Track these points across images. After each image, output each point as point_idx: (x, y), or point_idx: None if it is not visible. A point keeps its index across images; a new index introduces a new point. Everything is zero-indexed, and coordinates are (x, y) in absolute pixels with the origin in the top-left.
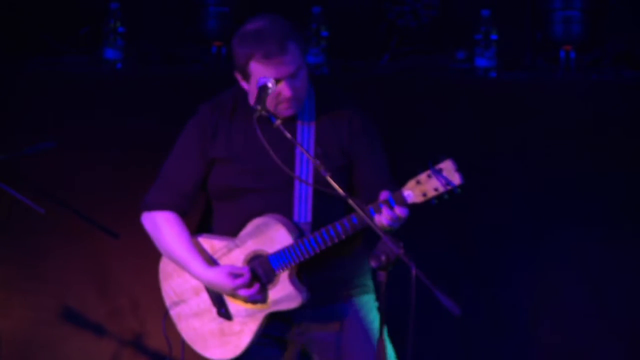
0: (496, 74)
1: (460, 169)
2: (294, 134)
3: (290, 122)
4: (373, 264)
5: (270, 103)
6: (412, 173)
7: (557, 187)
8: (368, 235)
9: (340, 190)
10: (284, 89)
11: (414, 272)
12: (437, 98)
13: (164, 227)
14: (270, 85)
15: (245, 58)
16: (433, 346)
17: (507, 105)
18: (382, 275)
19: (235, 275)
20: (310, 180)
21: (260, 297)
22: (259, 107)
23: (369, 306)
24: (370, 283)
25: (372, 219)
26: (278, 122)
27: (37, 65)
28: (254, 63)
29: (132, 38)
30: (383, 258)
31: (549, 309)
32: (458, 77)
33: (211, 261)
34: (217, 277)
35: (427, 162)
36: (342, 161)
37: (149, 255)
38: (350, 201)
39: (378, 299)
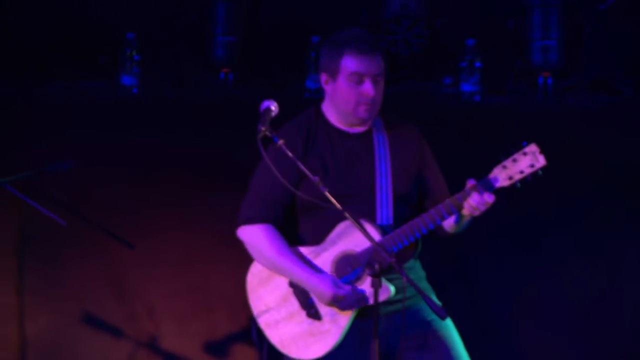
0: (480, 98)
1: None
2: (371, 149)
3: (367, 139)
4: (367, 271)
5: (350, 102)
6: None
7: (538, 201)
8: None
9: (337, 204)
10: (368, 88)
11: (404, 279)
12: (426, 120)
13: (264, 238)
14: (273, 108)
15: (338, 55)
16: None
17: (490, 127)
18: (375, 282)
19: (337, 285)
20: (390, 187)
21: (356, 306)
22: (263, 128)
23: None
24: (429, 285)
25: (365, 230)
26: (281, 142)
27: (59, 90)
28: (347, 57)
29: (147, 65)
30: (377, 266)
31: (531, 311)
32: (445, 101)
33: (318, 270)
34: (323, 284)
35: (511, 149)
36: (415, 173)
37: (163, 263)
38: (347, 214)
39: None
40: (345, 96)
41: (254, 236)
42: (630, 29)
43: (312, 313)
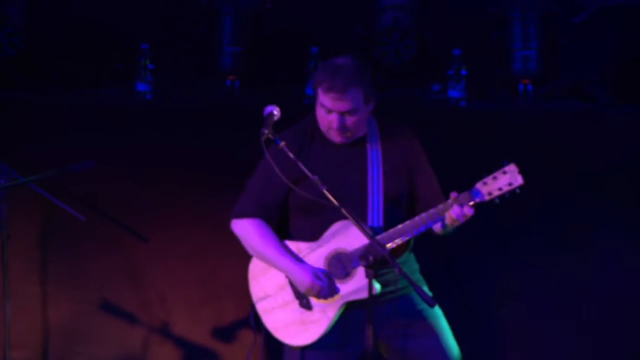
0: (466, 103)
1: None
2: (364, 154)
3: (361, 145)
4: (362, 263)
5: (323, 126)
6: None
7: (519, 200)
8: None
9: (334, 202)
10: (334, 121)
11: (397, 270)
12: (416, 124)
13: (253, 230)
14: (275, 112)
15: (317, 83)
16: None
17: (475, 130)
18: (369, 273)
19: (316, 276)
20: (381, 190)
21: (331, 296)
22: (266, 131)
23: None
24: (422, 277)
25: (362, 226)
26: (282, 144)
27: (79, 96)
28: (320, 89)
29: (159, 73)
30: (371, 258)
31: (512, 300)
32: (434, 106)
33: (298, 259)
34: (302, 272)
35: (492, 167)
36: (406, 176)
37: (174, 256)
38: (344, 211)
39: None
40: (320, 119)
41: (244, 228)
42: (602, 39)
43: (304, 303)
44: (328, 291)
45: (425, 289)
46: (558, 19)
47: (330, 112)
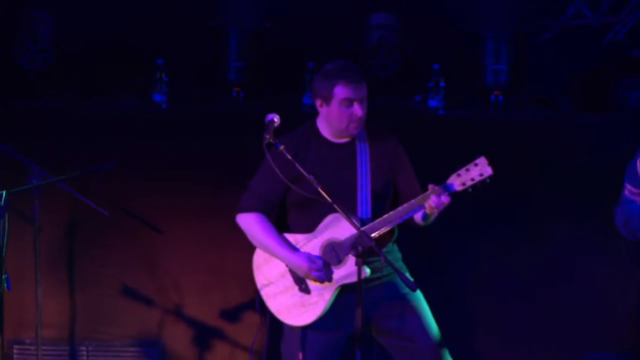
0: (444, 112)
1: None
2: (354, 155)
3: (351, 147)
4: (352, 252)
5: (343, 122)
6: None
7: (490, 197)
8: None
9: (327, 198)
10: (357, 109)
11: (383, 259)
12: (400, 129)
13: (255, 223)
14: (276, 119)
15: (331, 85)
16: None
17: (452, 135)
18: (359, 261)
19: (312, 260)
20: (369, 186)
21: (327, 279)
22: (267, 136)
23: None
24: (404, 265)
25: (352, 219)
26: (282, 147)
27: (101, 106)
28: (339, 87)
29: (173, 85)
30: (360, 248)
31: (484, 285)
32: (416, 115)
33: (295, 249)
34: (298, 259)
35: (465, 161)
36: (390, 175)
37: (187, 246)
38: (336, 206)
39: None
40: (339, 118)
41: (247, 222)
42: (565, 56)
43: (303, 288)
44: (324, 273)
45: (408, 275)
46: (526, 37)
47: (352, 104)
